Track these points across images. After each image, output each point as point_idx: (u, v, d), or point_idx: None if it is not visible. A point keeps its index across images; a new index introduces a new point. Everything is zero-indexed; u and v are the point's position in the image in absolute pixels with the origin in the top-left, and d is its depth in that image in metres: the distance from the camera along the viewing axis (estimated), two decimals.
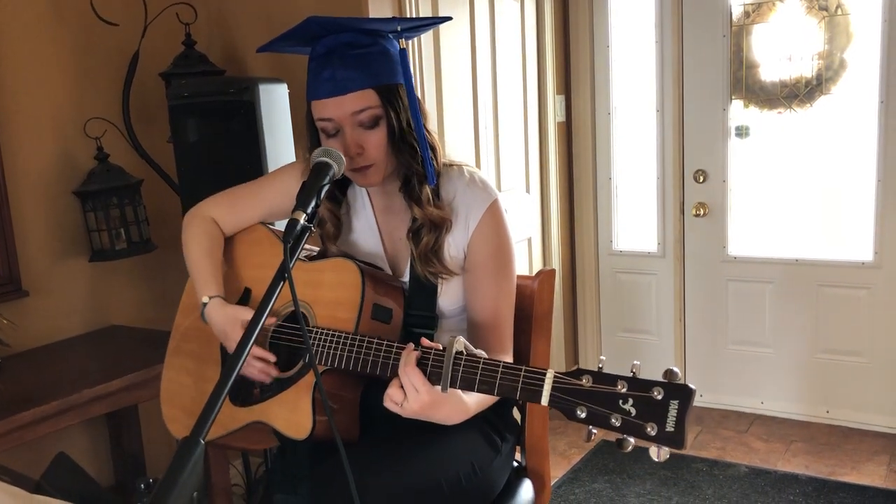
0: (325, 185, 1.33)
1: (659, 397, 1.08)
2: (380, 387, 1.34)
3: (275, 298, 1.23)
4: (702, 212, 3.63)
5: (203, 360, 1.64)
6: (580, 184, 3.87)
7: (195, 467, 1.02)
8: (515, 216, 3.23)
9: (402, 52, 1.47)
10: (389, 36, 1.49)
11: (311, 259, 1.60)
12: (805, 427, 3.50)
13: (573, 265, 3.95)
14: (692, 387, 1.08)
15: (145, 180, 2.67)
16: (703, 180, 3.62)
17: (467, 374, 1.24)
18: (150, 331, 2.62)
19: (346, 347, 1.39)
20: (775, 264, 3.54)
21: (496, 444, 1.58)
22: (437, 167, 1.53)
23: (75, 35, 2.60)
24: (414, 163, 1.50)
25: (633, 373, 1.12)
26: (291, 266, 1.24)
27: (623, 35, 3.73)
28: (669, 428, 1.06)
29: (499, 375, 1.22)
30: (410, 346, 1.30)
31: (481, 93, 3.19)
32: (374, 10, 2.64)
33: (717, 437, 3.47)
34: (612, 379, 1.12)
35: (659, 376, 1.11)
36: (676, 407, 1.07)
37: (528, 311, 1.71)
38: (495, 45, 3.26)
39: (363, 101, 1.44)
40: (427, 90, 2.87)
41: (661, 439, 1.07)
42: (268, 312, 1.22)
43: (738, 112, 3.55)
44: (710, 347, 3.75)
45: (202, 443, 1.05)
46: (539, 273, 1.73)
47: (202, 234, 1.66)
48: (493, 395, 1.23)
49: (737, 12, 3.49)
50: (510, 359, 1.54)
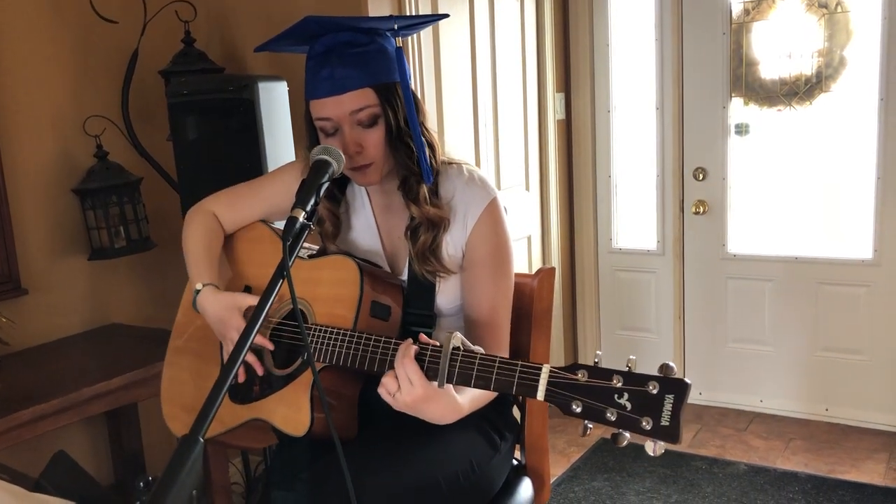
0: (324, 182, 1.33)
1: (654, 391, 1.08)
2: (378, 384, 1.34)
3: (274, 295, 1.24)
4: (701, 210, 3.63)
5: (204, 358, 1.65)
6: (580, 182, 3.87)
7: (194, 465, 1.03)
8: (515, 214, 3.24)
9: (399, 50, 1.47)
10: (387, 34, 1.49)
11: (311, 257, 1.60)
12: (804, 425, 3.50)
13: (573, 263, 3.95)
14: (687, 381, 1.08)
15: (145, 178, 2.67)
16: (703, 178, 3.62)
17: (464, 370, 1.24)
18: (149, 329, 2.62)
19: (345, 344, 1.39)
20: (775, 262, 3.54)
21: (495, 443, 1.58)
22: (435, 165, 1.53)
23: (75, 33, 2.60)
24: (411, 161, 1.50)
25: (629, 367, 1.12)
26: (291, 264, 1.25)
27: (623, 33, 3.73)
28: (664, 422, 1.06)
29: (495, 370, 1.22)
30: (409, 341, 1.30)
31: (481, 91, 3.19)
32: (373, 8, 2.64)
33: (716, 434, 3.47)
34: (608, 373, 1.12)
35: (656, 373, 1.11)
36: (672, 401, 1.07)
37: (528, 309, 1.71)
38: (495, 43, 3.26)
39: (362, 99, 1.44)
40: (427, 88, 2.87)
41: (657, 433, 1.07)
42: (268, 309, 1.22)
43: (738, 110, 3.54)
44: (710, 345, 3.75)
45: (201, 441, 1.05)
46: (539, 271, 1.73)
47: (201, 227, 1.67)
48: (489, 390, 1.22)
49: (736, 10, 3.48)
50: (507, 356, 1.54)
